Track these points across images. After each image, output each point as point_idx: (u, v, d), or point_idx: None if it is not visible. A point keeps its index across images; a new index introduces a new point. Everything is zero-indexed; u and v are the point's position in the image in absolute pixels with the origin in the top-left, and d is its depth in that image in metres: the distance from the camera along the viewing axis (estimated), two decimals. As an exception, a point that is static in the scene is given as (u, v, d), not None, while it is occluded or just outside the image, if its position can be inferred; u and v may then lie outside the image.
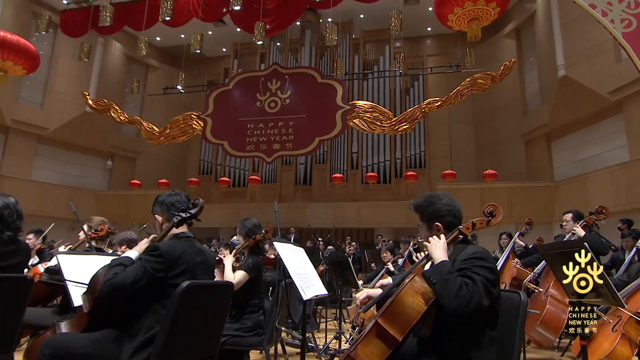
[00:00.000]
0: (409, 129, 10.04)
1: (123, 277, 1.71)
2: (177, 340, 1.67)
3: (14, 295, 2.21)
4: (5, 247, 2.20)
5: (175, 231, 2.02)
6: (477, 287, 1.52)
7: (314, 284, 2.33)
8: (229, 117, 11.08)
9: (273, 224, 11.92)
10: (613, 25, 4.18)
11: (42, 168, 13.55)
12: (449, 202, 1.94)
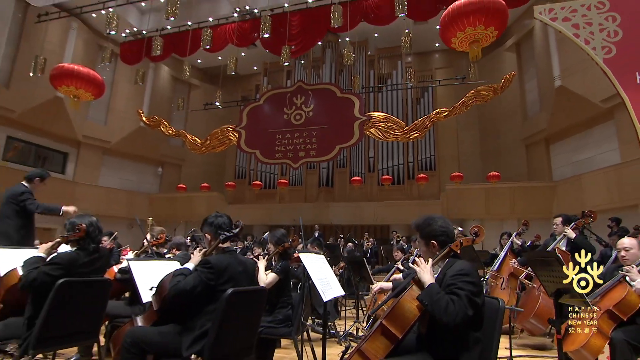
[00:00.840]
0: (419, 136, 10.06)
1: (184, 284, 1.97)
2: (224, 334, 1.91)
3: (98, 293, 2.53)
4: (91, 256, 2.50)
5: (221, 246, 2.25)
6: (462, 301, 1.66)
7: (332, 287, 2.52)
8: (260, 129, 11.34)
9: (298, 222, 12.20)
10: (595, 52, 4.19)
11: (106, 175, 14.20)
12: (443, 224, 2.04)
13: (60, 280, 2.21)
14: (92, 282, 2.43)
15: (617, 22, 4.15)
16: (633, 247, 2.89)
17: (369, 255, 10.21)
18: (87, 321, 2.49)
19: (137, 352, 1.92)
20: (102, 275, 2.63)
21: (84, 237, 2.45)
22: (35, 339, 2.18)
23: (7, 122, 11.22)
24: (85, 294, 2.40)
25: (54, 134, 12.58)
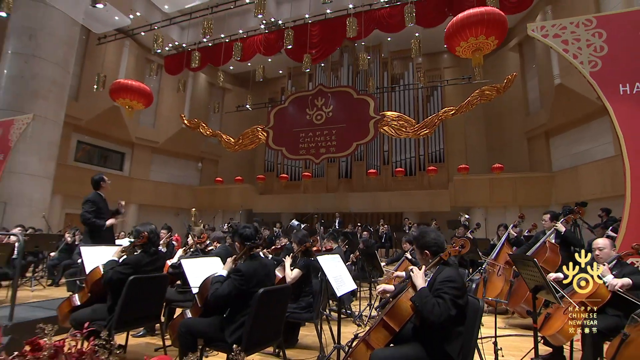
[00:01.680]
0: (429, 133, 10.07)
1: (221, 290, 2.25)
2: (257, 325, 2.21)
3: (159, 286, 2.90)
4: (152, 257, 2.86)
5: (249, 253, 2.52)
6: (446, 304, 1.84)
7: (345, 283, 2.75)
8: (286, 129, 11.60)
9: (322, 209, 12.39)
10: (582, 65, 4.14)
11: (156, 171, 14.92)
12: (435, 236, 2.18)
13: (131, 277, 2.58)
14: (154, 277, 2.79)
15: (603, 38, 4.10)
16: (606, 247, 2.98)
17: (384, 240, 10.39)
18: (151, 307, 2.87)
19: (190, 338, 2.26)
20: (161, 271, 2.98)
21: (146, 242, 2.81)
22: (115, 322, 2.57)
23: (76, 129, 11.98)
24: (149, 287, 2.77)
25: (113, 137, 13.31)
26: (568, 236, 4.27)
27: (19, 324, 3.19)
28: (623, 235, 3.67)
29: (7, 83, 8.74)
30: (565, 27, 4.32)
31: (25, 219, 8.27)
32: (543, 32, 4.41)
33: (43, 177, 9.06)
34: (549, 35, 4.37)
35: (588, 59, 4.15)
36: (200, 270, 3.02)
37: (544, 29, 4.41)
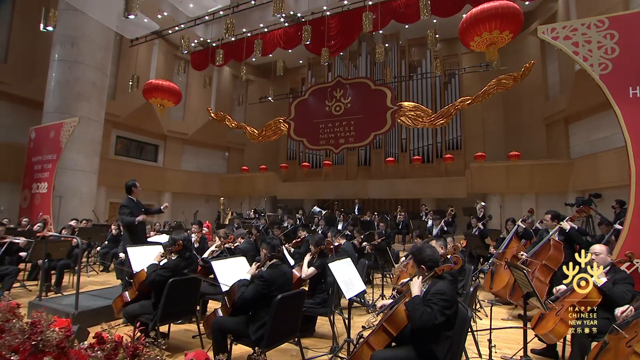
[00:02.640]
0: (445, 123, 9.95)
1: (247, 294, 2.57)
2: (277, 324, 2.52)
3: (193, 286, 3.28)
4: (187, 261, 3.24)
5: (270, 262, 2.82)
6: (434, 312, 2.05)
7: (355, 285, 3.01)
8: (306, 120, 11.75)
9: (342, 196, 12.70)
10: (592, 68, 4.04)
11: (186, 161, 15.57)
12: (430, 253, 2.36)
13: (170, 280, 2.97)
14: (189, 279, 3.17)
15: (615, 39, 3.98)
16: (602, 252, 3.06)
17: (401, 227, 10.54)
18: (188, 303, 3.28)
19: (221, 334, 2.62)
20: (196, 272, 3.36)
21: (181, 249, 3.17)
22: (159, 316, 2.97)
23: (115, 125, 12.66)
24: (185, 287, 3.16)
25: (147, 131, 13.95)
26: (572, 235, 4.30)
27: (82, 312, 3.70)
28: (624, 240, 3.68)
29: (55, 88, 9.37)
30: (577, 29, 4.21)
31: (77, 210, 9.07)
32: (553, 34, 4.32)
33: (89, 172, 9.79)
34: (560, 38, 4.28)
35: (598, 61, 4.06)
36: (228, 269, 3.38)
37: (555, 30, 4.32)
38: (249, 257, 4.94)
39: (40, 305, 3.89)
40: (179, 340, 3.45)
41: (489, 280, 5.20)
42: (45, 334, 2.52)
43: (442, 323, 2.10)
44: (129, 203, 4.60)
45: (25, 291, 5.18)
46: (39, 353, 2.45)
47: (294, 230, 8.78)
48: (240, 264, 3.55)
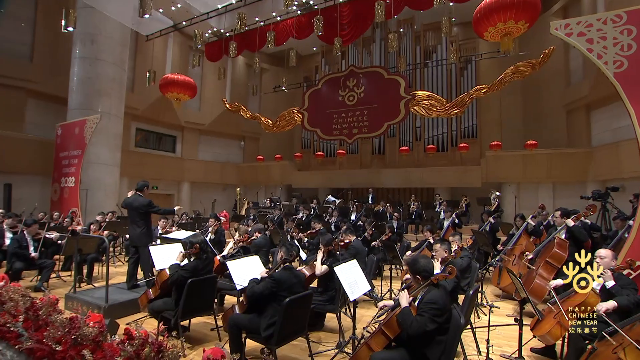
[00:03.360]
0: (459, 112, 9.82)
1: (257, 288, 2.82)
2: (285, 323, 2.75)
3: (210, 285, 3.55)
4: (204, 262, 3.50)
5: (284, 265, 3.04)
6: (424, 321, 2.23)
7: (359, 287, 3.20)
8: (320, 110, 11.81)
9: (356, 185, 12.84)
10: (606, 66, 3.94)
11: (203, 151, 15.96)
12: (425, 263, 2.50)
13: (189, 280, 3.24)
14: (207, 279, 3.44)
15: (633, 35, 3.87)
16: (607, 257, 3.10)
17: (414, 216, 10.62)
18: (206, 300, 3.56)
19: (236, 330, 2.88)
20: (212, 271, 3.63)
21: (199, 251, 3.44)
22: (181, 312, 3.27)
23: (134, 118, 13.09)
24: (203, 286, 3.43)
25: (165, 122, 14.34)
26: (575, 232, 4.32)
27: (112, 305, 4.07)
28: (631, 243, 3.69)
29: (78, 85, 9.76)
30: (592, 25, 4.11)
31: (102, 202, 9.60)
32: (567, 30, 4.23)
33: (112, 165, 10.27)
34: (573, 34, 4.19)
35: (613, 58, 3.97)
36: (243, 269, 3.63)
37: (568, 26, 4.22)
38: (264, 252, 5.23)
39: (76, 298, 4.30)
40: (198, 332, 3.76)
41: (496, 276, 5.31)
42: (83, 330, 2.86)
43: (435, 329, 2.28)
44: (150, 200, 4.90)
45: (60, 282, 5.66)
46: (78, 346, 2.80)
47: (307, 222, 9.03)
48: (253, 263, 3.79)
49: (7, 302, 3.53)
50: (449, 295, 3.09)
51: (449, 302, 2.41)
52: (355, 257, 4.68)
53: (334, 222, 9.36)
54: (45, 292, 5.04)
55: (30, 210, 8.39)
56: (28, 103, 10.48)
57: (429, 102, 10.17)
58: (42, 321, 3.17)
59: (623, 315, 2.77)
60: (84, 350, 2.75)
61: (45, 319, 3.19)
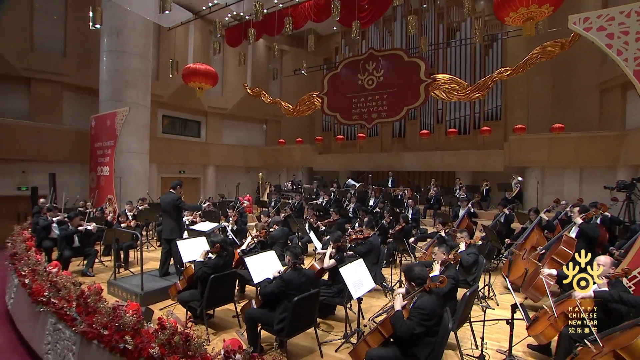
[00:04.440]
0: (481, 96, 9.54)
1: (269, 288, 3.18)
2: (295, 318, 3.10)
3: (230, 279, 3.96)
4: (224, 260, 3.89)
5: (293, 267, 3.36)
6: (412, 324, 2.49)
7: (364, 285, 3.48)
8: (339, 94, 11.79)
9: (377, 168, 12.93)
10: (626, 63, 3.79)
11: (227, 135, 16.42)
12: (419, 271, 2.74)
13: (212, 276, 3.65)
14: (227, 274, 3.86)
15: (657, 30, 3.70)
16: (606, 264, 3.16)
17: (432, 202, 10.67)
18: (227, 292, 3.98)
19: (252, 322, 3.27)
20: (232, 266, 4.03)
21: (219, 250, 3.82)
22: (205, 303, 3.70)
23: (160, 105, 13.63)
24: (224, 280, 3.85)
25: (190, 108, 14.81)
26: (583, 227, 4.34)
27: (147, 292, 4.59)
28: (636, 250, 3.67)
29: (107, 78, 10.30)
30: (613, 18, 3.95)
31: (134, 188, 10.32)
32: (586, 24, 4.09)
33: (141, 153, 10.91)
34: (593, 28, 4.05)
35: (634, 55, 3.84)
36: (260, 263, 3.99)
37: (588, 20, 4.07)
38: (280, 244, 5.60)
39: (116, 285, 4.88)
40: (221, 319, 4.22)
41: (506, 268, 5.43)
42: (124, 319, 3.36)
43: (424, 332, 2.54)
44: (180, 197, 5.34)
45: (102, 267, 6.35)
46: (120, 331, 3.31)
47: (326, 209, 9.35)
48: (269, 258, 4.15)
49: (62, 289, 4.12)
50: (447, 296, 3.34)
51: (439, 307, 2.64)
52: (369, 252, 4.98)
53: (352, 208, 9.63)
54: (91, 276, 5.72)
55: (73, 201, 9.22)
56: (64, 96, 11.19)
57: (450, 85, 9.93)
58: (90, 308, 3.72)
59: (613, 319, 2.90)
60: (126, 336, 3.26)
61: (93, 306, 3.73)
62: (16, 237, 6.25)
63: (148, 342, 3.06)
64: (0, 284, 6.34)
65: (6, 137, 9.57)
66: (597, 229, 4.49)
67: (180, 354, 2.84)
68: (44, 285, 4.25)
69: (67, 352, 3.66)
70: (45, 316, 3.95)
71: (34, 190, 9.64)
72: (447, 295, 3.38)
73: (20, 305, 4.69)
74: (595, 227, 4.46)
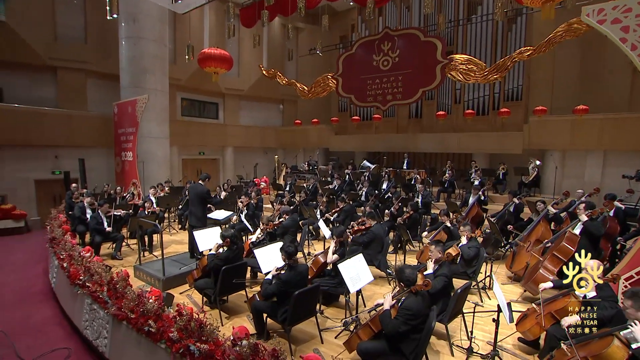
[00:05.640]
0: (498, 78, 9.21)
1: (269, 289, 3.47)
2: (296, 310, 3.40)
3: (240, 269, 4.30)
4: (235, 253, 4.22)
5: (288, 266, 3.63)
6: (398, 323, 2.73)
7: (361, 279, 3.73)
8: (354, 76, 11.66)
9: (392, 149, 12.88)
10: (639, 58, 3.64)
11: (244, 116, 16.65)
12: (409, 273, 2.93)
13: (223, 268, 4.00)
14: (237, 265, 4.19)
15: (674, 24, 3.52)
16: (594, 268, 3.24)
17: (447, 185, 10.65)
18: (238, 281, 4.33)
19: (257, 313, 3.62)
20: (242, 258, 4.37)
21: (229, 244, 4.15)
22: (219, 290, 4.08)
23: (178, 88, 13.94)
24: (235, 270, 4.18)
25: (207, 90, 15.04)
26: (588, 226, 4.34)
27: (168, 277, 5.05)
28: (636, 251, 3.68)
29: (126, 64, 10.61)
30: (630, 9, 3.78)
31: (155, 172, 10.86)
32: (600, 16, 3.92)
33: (162, 138, 11.35)
34: (607, 21, 3.89)
35: (649, 50, 3.67)
36: (268, 255, 4.31)
37: (602, 12, 3.90)
38: (291, 232, 5.91)
39: (141, 269, 5.37)
40: (234, 304, 4.63)
41: (510, 260, 5.53)
42: (146, 305, 3.78)
43: (409, 330, 2.78)
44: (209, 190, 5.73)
45: (129, 250, 6.92)
46: (144, 316, 3.74)
47: (338, 193, 9.56)
48: (277, 249, 4.45)
49: (95, 274, 4.62)
50: (441, 292, 3.54)
51: (425, 307, 2.86)
52: (371, 242, 5.21)
53: (365, 192, 9.80)
54: (120, 259, 6.28)
55: (101, 186, 9.86)
56: (88, 83, 11.66)
57: (467, 66, 9.63)
58: (119, 293, 4.19)
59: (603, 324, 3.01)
60: (150, 320, 3.69)
61: (121, 291, 4.19)
62: (53, 222, 6.89)
63: (168, 327, 3.48)
64: (43, 263, 7.09)
65: (40, 125, 10.22)
66: (601, 227, 4.48)
67: (195, 338, 3.24)
68: (79, 269, 4.78)
69: (102, 330, 4.16)
70: (82, 297, 4.47)
71: (67, 175, 10.36)
72: (441, 291, 3.57)
73: (61, 285, 5.28)
74: (599, 225, 4.44)
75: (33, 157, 10.41)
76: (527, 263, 4.84)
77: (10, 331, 4.58)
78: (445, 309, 3.56)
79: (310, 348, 3.60)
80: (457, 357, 3.46)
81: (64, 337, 4.59)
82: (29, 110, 10.07)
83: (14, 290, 5.93)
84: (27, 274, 6.68)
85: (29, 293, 5.86)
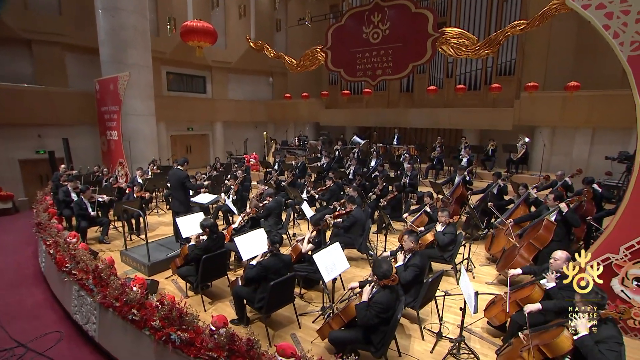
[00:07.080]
0: (491, 53, 8.92)
1: (250, 274, 3.57)
2: (273, 298, 3.53)
3: (221, 258, 4.41)
4: (215, 241, 4.30)
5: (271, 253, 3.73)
6: (371, 315, 2.84)
7: (337, 268, 3.85)
8: (343, 49, 11.32)
9: (383, 124, 12.87)
10: (621, 47, 3.55)
11: (233, 90, 16.24)
12: (386, 267, 3.00)
13: (203, 257, 4.09)
14: (218, 254, 4.29)
15: (660, 12, 3.42)
16: (560, 259, 3.30)
17: (435, 162, 10.71)
18: (219, 269, 4.46)
19: (238, 298, 3.75)
20: (223, 246, 4.46)
21: (209, 233, 4.22)
22: (200, 278, 4.21)
23: (163, 62, 13.47)
24: (216, 260, 4.29)
25: (193, 63, 14.54)
26: (568, 217, 4.44)
27: (154, 263, 5.16)
28: (610, 231, 3.76)
29: (104, 37, 10.16)
30: (616, -6, 3.63)
31: (143, 150, 10.74)
32: (584, 1, 3.79)
33: (148, 115, 11.12)
34: (591, 6, 3.79)
35: (631, 38, 3.61)
36: (249, 242, 4.40)
37: (588, -3, 3.76)
38: (275, 214, 6.00)
39: (127, 255, 5.47)
40: (218, 288, 4.78)
41: (489, 242, 5.69)
42: (129, 295, 3.90)
43: (380, 322, 2.92)
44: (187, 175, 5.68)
45: (117, 233, 7.00)
46: (128, 304, 3.86)
47: (328, 169, 9.57)
48: (259, 237, 4.54)
49: (80, 262, 4.70)
50: (413, 281, 3.68)
51: (393, 300, 2.98)
52: (352, 225, 5.33)
53: (352, 170, 9.84)
54: (107, 243, 6.36)
55: (87, 166, 9.75)
56: (66, 57, 11.20)
57: (459, 40, 9.37)
58: (104, 281, 4.29)
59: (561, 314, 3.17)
60: (133, 309, 3.82)
61: (106, 280, 4.29)
62: (39, 206, 6.90)
63: (151, 315, 3.62)
64: (33, 245, 7.17)
65: (19, 102, 9.91)
66: (579, 220, 4.58)
67: (176, 326, 3.38)
68: (65, 256, 4.86)
69: (91, 315, 4.31)
70: (70, 283, 4.57)
71: (51, 155, 10.22)
72: (413, 280, 3.71)
73: (50, 270, 5.38)
74: (577, 218, 4.54)
75: (15, 137, 10.20)
76: (504, 248, 4.98)
77: (3, 315, 4.73)
78: (417, 296, 3.71)
79: (288, 333, 3.78)
80: (427, 341, 3.65)
81: (55, 321, 4.75)
82: (5, 88, 9.73)
83: (4, 273, 6.05)
84: (18, 257, 6.78)
85: (20, 276, 5.98)
